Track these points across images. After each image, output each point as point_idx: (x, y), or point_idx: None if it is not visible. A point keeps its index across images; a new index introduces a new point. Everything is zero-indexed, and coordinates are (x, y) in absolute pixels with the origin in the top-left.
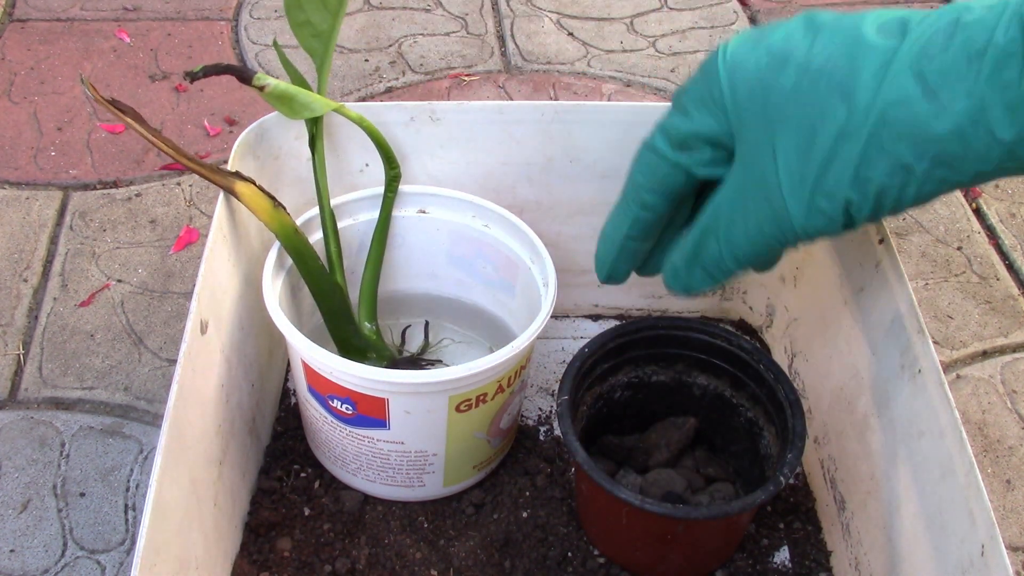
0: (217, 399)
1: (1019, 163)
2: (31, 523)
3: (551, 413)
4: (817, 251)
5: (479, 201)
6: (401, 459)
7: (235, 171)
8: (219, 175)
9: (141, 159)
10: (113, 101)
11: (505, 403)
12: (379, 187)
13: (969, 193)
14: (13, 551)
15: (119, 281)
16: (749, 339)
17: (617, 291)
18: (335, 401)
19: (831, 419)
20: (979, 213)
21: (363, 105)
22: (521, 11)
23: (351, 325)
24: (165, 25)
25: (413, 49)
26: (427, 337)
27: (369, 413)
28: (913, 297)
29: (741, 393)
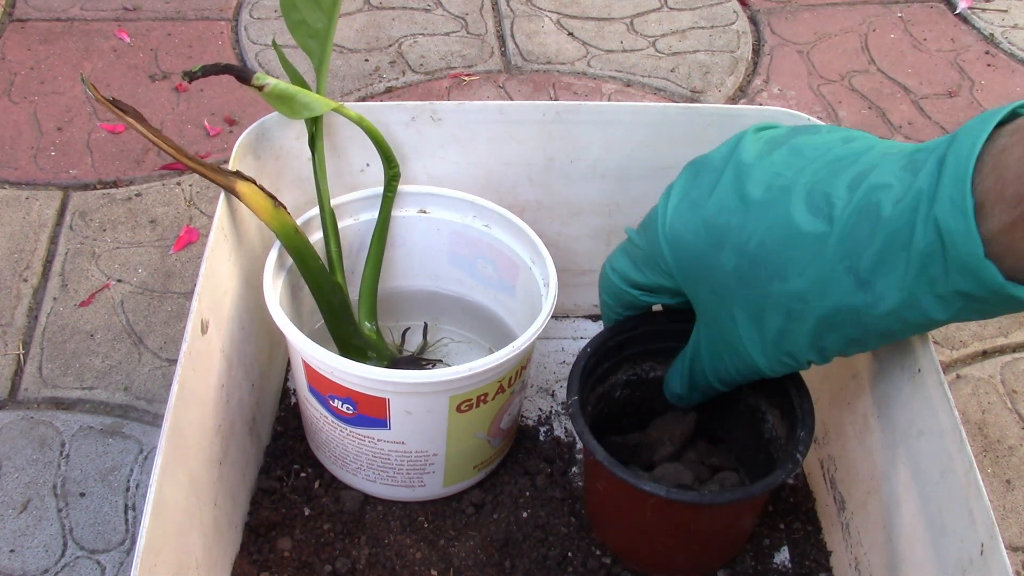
0: (217, 399)
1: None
2: (31, 523)
3: (551, 413)
4: None
5: (480, 201)
6: (401, 459)
7: (236, 171)
8: (220, 175)
9: (141, 159)
10: (114, 101)
11: (505, 403)
12: (380, 187)
13: None
14: (13, 551)
15: (119, 281)
16: None
17: None
18: (335, 401)
19: (831, 419)
20: None
21: (363, 105)
22: (521, 11)
23: (351, 325)
24: (165, 25)
25: (413, 49)
26: (425, 337)
27: (369, 413)
28: None
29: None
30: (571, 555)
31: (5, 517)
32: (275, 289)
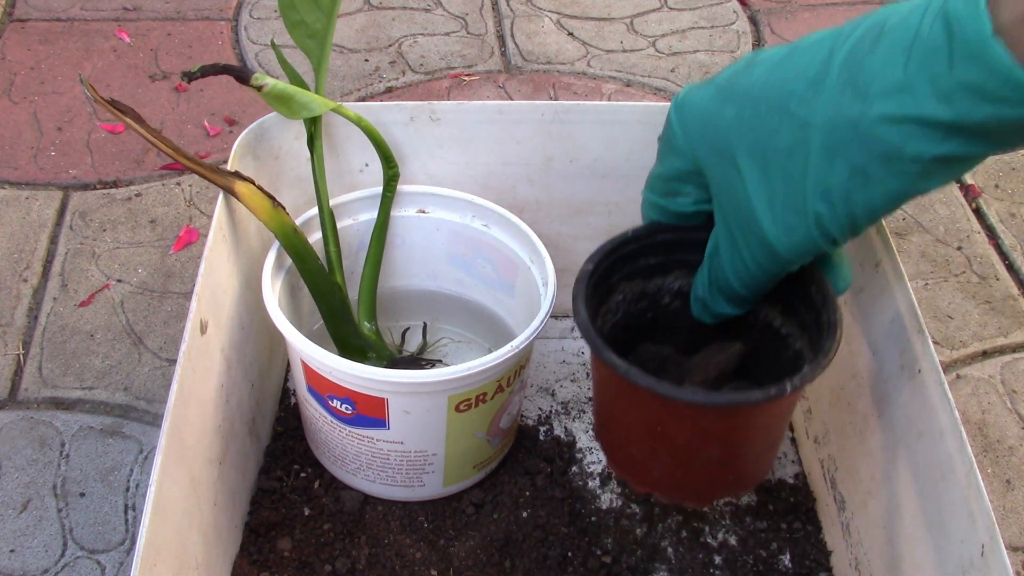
0: (217, 399)
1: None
2: (31, 523)
3: (551, 412)
4: None
5: (479, 201)
6: (401, 459)
7: (235, 171)
8: (219, 175)
9: (141, 159)
10: (112, 101)
11: (505, 403)
12: (379, 187)
13: (969, 193)
14: (13, 551)
15: (119, 281)
16: None
17: None
18: (335, 401)
19: (831, 419)
20: (979, 213)
21: (362, 105)
22: (521, 11)
23: (350, 325)
24: (165, 25)
25: (413, 49)
26: (425, 337)
27: (369, 413)
28: (913, 297)
29: (791, 321)
30: (571, 555)
31: (5, 517)
32: (274, 289)
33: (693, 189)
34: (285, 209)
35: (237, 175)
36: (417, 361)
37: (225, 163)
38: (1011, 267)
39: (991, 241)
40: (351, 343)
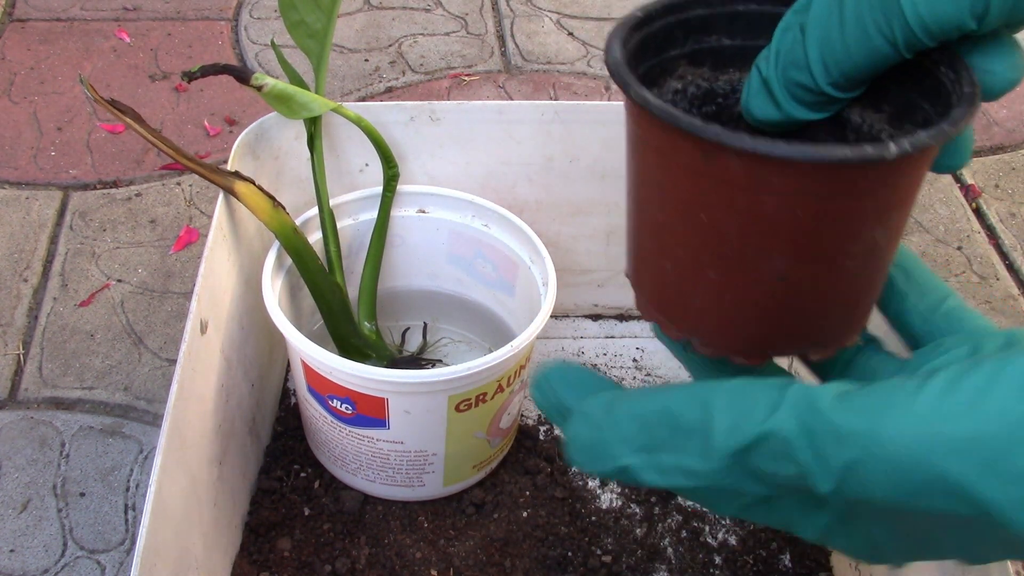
0: (217, 399)
1: None
2: (31, 523)
3: None
4: None
5: (479, 201)
6: (401, 459)
7: (235, 171)
8: (219, 175)
9: (141, 159)
10: (112, 101)
11: (505, 403)
12: (379, 187)
13: (969, 193)
14: (13, 551)
15: (119, 281)
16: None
17: (617, 291)
18: (335, 401)
19: None
20: (979, 213)
21: (362, 105)
22: (521, 11)
23: (351, 325)
24: (165, 25)
25: (413, 49)
26: (425, 337)
27: (369, 413)
28: None
29: (907, 125)
30: (571, 555)
31: (5, 517)
32: (274, 289)
33: None
34: (285, 209)
35: (237, 175)
36: (417, 361)
37: (225, 163)
38: (1011, 267)
39: (991, 241)
40: (351, 343)
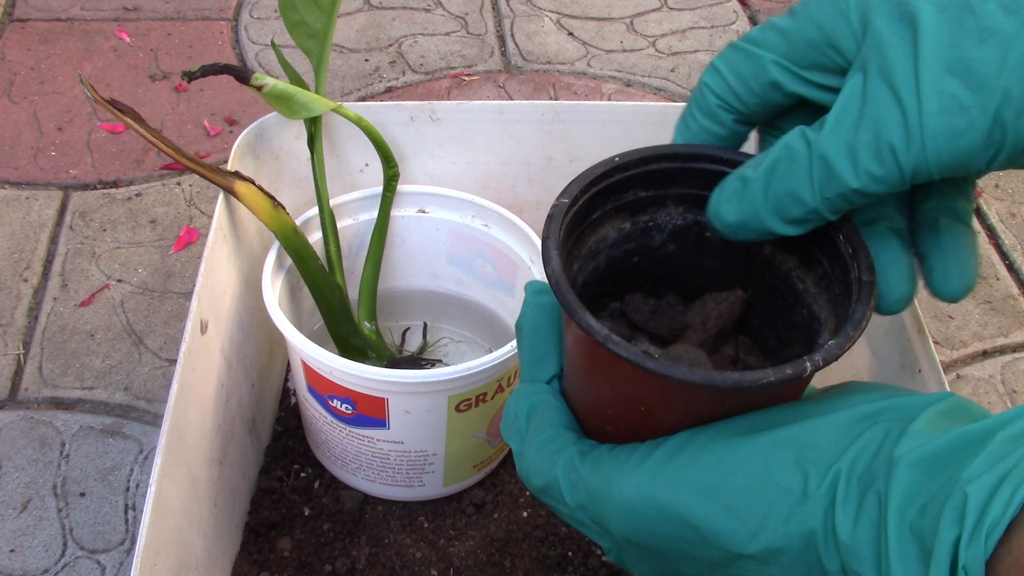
0: (217, 399)
1: None
2: (31, 523)
3: None
4: None
5: (479, 201)
6: (401, 459)
7: (235, 171)
8: (219, 175)
9: (141, 159)
10: (112, 101)
11: (505, 403)
12: (379, 187)
13: None
14: (13, 551)
15: (119, 281)
16: None
17: None
18: (335, 401)
19: None
20: (979, 213)
21: (362, 105)
22: (521, 11)
23: (351, 325)
24: (165, 25)
25: (413, 49)
26: (425, 337)
27: (369, 413)
28: None
29: (810, 275)
30: (571, 555)
31: (5, 517)
32: (274, 289)
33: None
34: (285, 209)
35: (237, 175)
36: (417, 361)
37: (225, 163)
38: (1011, 267)
39: (991, 241)
40: (351, 343)
